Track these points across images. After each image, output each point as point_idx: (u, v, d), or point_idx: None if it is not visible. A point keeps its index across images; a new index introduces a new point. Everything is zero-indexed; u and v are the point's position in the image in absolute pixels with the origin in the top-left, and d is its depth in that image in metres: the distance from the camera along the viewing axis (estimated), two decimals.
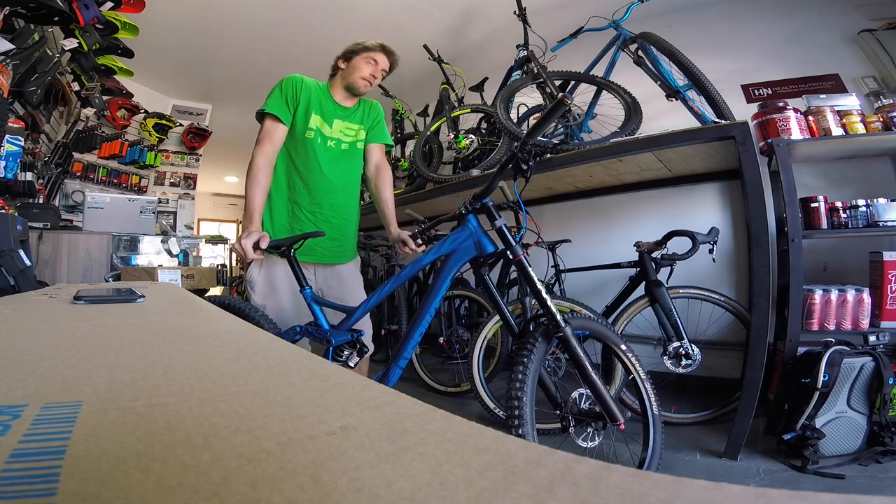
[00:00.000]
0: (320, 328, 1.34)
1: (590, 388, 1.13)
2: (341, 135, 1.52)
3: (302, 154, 1.47)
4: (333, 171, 1.50)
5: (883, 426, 1.46)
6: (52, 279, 2.47)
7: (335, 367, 0.39)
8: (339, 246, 1.56)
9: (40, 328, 0.59)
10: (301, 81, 1.46)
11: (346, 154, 1.54)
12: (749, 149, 1.57)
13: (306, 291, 1.36)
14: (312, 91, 1.47)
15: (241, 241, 1.27)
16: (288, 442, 0.22)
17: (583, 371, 1.12)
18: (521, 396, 1.07)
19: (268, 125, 1.42)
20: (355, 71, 1.47)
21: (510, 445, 0.22)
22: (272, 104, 1.42)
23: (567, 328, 1.12)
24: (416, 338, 1.23)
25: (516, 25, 2.53)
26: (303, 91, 1.45)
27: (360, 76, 1.47)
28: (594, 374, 1.12)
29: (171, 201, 4.82)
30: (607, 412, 1.12)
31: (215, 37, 3.56)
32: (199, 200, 5.39)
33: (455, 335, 2.43)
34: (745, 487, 0.17)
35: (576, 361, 1.13)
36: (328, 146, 1.49)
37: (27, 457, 0.20)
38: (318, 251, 1.50)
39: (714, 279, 2.12)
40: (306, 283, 1.37)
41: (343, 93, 1.52)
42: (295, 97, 1.44)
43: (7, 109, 2.16)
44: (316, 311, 1.35)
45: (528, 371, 1.09)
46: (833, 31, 2.35)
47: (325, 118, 1.49)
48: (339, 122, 1.51)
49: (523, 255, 1.18)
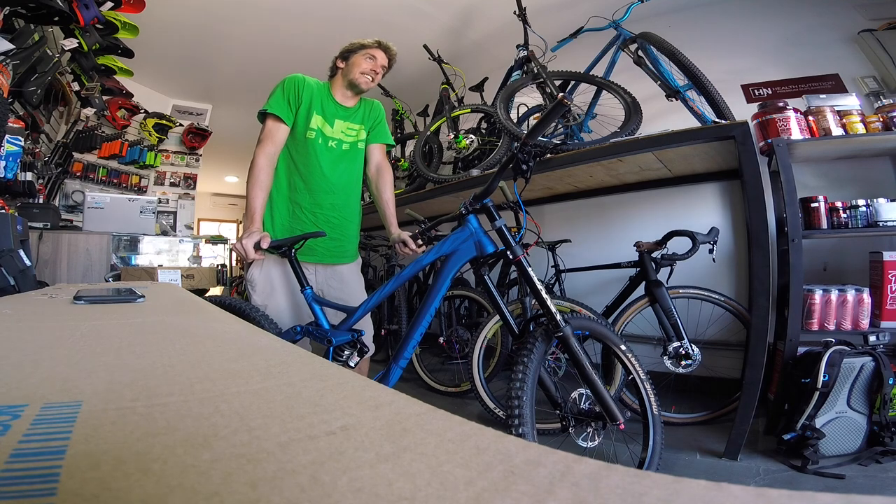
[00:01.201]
0: (321, 328, 1.35)
1: (589, 387, 1.14)
2: (342, 135, 1.52)
3: (303, 154, 1.47)
4: (334, 172, 1.50)
5: (883, 426, 1.46)
6: (52, 279, 2.47)
7: (335, 367, 0.39)
8: (340, 246, 1.56)
9: (40, 328, 0.59)
10: (303, 81, 1.46)
11: (348, 154, 1.54)
12: (749, 149, 1.57)
13: (307, 291, 1.37)
14: (314, 91, 1.47)
15: (242, 241, 1.26)
16: (288, 442, 0.22)
17: (582, 371, 1.13)
18: (521, 396, 1.07)
19: (269, 125, 1.42)
20: (355, 68, 1.47)
21: (510, 445, 0.22)
22: (274, 104, 1.41)
23: (567, 328, 1.12)
24: (417, 338, 1.23)
25: (516, 25, 2.53)
26: (305, 91, 1.45)
27: (361, 71, 1.47)
28: (594, 374, 1.12)
29: (171, 201, 4.82)
30: (607, 412, 1.12)
31: (215, 37, 3.55)
32: (199, 200, 5.39)
33: (455, 335, 2.43)
34: (745, 487, 0.17)
35: (575, 361, 1.13)
36: (329, 146, 1.49)
37: (27, 457, 0.20)
38: (318, 251, 1.50)
39: (714, 279, 2.12)
40: (307, 283, 1.38)
41: (344, 92, 1.52)
42: (297, 97, 1.44)
43: (7, 109, 2.16)
44: (316, 311, 1.36)
45: (528, 371, 1.10)
46: (833, 31, 2.35)
47: (327, 118, 1.49)
48: (340, 123, 1.51)
49: (523, 256, 1.18)
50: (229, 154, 6.41)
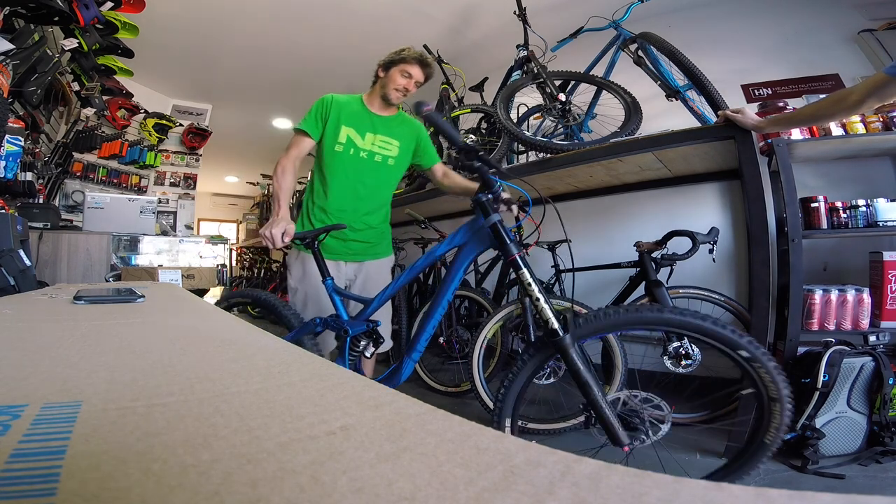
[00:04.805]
0: (339, 319, 1.41)
1: (591, 406, 1.01)
2: (373, 147, 1.60)
3: (331, 166, 1.58)
4: (362, 182, 1.59)
5: (883, 426, 1.46)
6: (52, 279, 2.47)
7: (335, 366, 0.39)
8: (371, 247, 1.66)
9: (40, 328, 0.59)
10: (331, 100, 1.59)
11: (378, 166, 1.62)
12: (749, 149, 1.57)
13: (328, 282, 1.43)
14: (343, 106, 1.59)
15: (270, 230, 1.37)
16: (288, 442, 0.22)
17: (583, 388, 1.01)
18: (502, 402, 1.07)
19: (297, 137, 1.59)
20: (390, 82, 1.57)
21: (510, 445, 0.22)
22: (304, 122, 1.57)
23: (567, 337, 1.03)
24: (430, 330, 1.24)
25: (516, 25, 2.53)
26: (332, 108, 1.57)
27: (394, 87, 1.57)
28: (596, 391, 0.99)
29: (171, 201, 4.82)
30: (609, 434, 1.00)
31: (215, 37, 3.56)
32: (199, 200, 5.39)
33: (455, 335, 2.43)
34: (745, 487, 0.17)
35: (574, 375, 1.01)
36: (360, 157, 1.58)
37: (27, 457, 0.20)
38: (343, 251, 1.60)
39: (714, 279, 2.12)
40: (328, 273, 1.44)
41: (380, 102, 1.62)
42: (325, 114, 1.57)
43: (7, 109, 2.16)
44: (337, 301, 1.42)
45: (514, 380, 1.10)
46: (833, 31, 2.35)
47: (358, 130, 1.58)
48: (371, 136, 1.59)
49: (517, 256, 1.12)
50: (229, 154, 6.42)
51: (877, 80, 1.17)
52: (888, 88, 1.14)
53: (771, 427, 1.05)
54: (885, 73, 1.15)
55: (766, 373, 1.00)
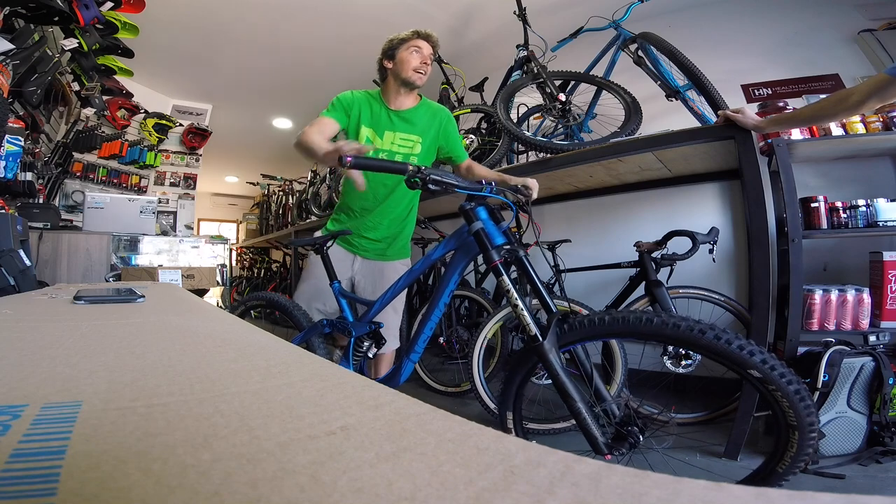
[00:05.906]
0: (344, 320, 1.44)
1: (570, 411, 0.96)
2: (393, 146, 1.53)
3: None
4: (382, 182, 1.53)
5: (883, 426, 1.46)
6: (52, 279, 2.47)
7: (335, 366, 0.39)
8: (388, 247, 1.65)
9: (40, 328, 0.59)
10: (351, 96, 1.50)
11: None
12: (749, 149, 1.57)
13: (335, 285, 1.46)
14: (363, 104, 1.51)
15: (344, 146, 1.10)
16: (288, 442, 0.22)
17: (562, 394, 0.95)
18: None
19: (321, 118, 1.45)
20: (405, 65, 1.45)
21: (510, 445, 0.22)
22: (328, 111, 1.47)
23: (545, 343, 0.97)
24: (428, 332, 1.25)
25: (516, 25, 2.53)
26: (353, 106, 1.50)
27: (413, 68, 1.45)
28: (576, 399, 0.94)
29: (171, 201, 4.82)
30: (590, 441, 0.95)
31: (215, 37, 3.56)
32: (199, 200, 5.39)
33: (455, 335, 2.43)
34: (745, 487, 0.17)
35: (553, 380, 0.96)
36: (379, 158, 1.51)
37: (27, 457, 0.20)
38: (360, 249, 1.62)
39: (714, 279, 2.12)
40: (335, 277, 1.48)
41: (399, 91, 1.51)
42: (348, 108, 1.49)
43: (7, 109, 2.16)
44: (342, 304, 1.44)
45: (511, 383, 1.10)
46: (833, 31, 2.35)
47: (377, 130, 1.52)
48: (390, 134, 1.52)
49: (499, 261, 1.10)
50: (229, 154, 6.42)
51: (878, 80, 1.17)
52: (889, 89, 1.14)
53: (786, 456, 0.97)
54: (886, 74, 1.15)
55: (784, 397, 0.89)
